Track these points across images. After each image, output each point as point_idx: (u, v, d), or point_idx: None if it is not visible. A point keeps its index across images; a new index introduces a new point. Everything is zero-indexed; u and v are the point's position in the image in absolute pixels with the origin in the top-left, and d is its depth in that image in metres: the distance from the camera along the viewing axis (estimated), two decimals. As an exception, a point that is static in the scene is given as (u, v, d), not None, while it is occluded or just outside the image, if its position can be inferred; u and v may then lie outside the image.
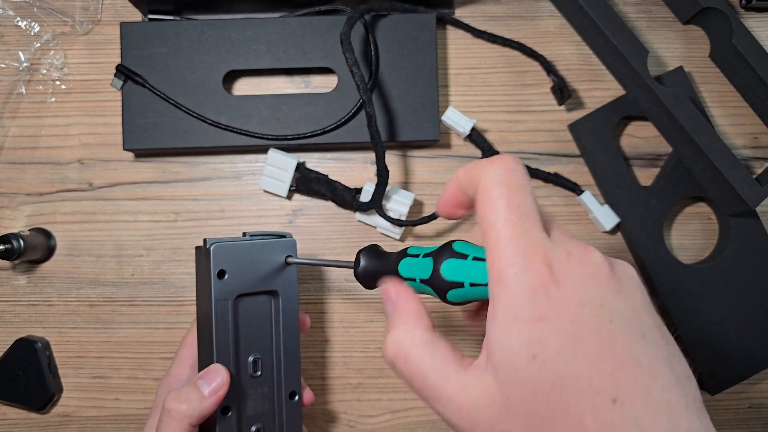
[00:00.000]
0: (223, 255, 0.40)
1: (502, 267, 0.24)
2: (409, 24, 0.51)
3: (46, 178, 0.53)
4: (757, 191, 0.48)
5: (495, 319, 0.24)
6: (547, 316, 0.23)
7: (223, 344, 0.40)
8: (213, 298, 0.39)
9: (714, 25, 0.53)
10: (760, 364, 0.52)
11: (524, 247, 0.24)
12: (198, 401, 0.38)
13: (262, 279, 0.42)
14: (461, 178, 0.28)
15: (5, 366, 0.51)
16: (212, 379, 0.38)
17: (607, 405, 0.22)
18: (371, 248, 0.36)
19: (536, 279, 0.23)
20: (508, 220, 0.25)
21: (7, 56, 0.54)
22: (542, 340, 0.23)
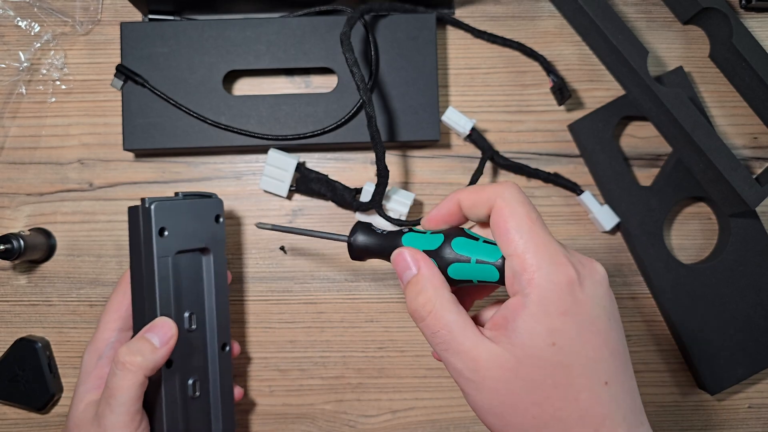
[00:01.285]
0: (163, 213, 0.41)
1: (534, 269, 0.30)
2: (409, 24, 0.51)
3: (46, 178, 0.53)
4: (757, 191, 0.48)
5: (525, 308, 0.29)
6: (569, 311, 0.29)
7: (165, 300, 0.42)
8: (155, 255, 0.41)
9: (714, 25, 0.53)
10: (759, 363, 0.52)
11: (551, 254, 0.30)
12: (151, 353, 0.39)
13: (196, 237, 0.44)
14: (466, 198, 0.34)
15: (5, 366, 0.51)
16: (161, 330, 0.40)
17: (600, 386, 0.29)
18: (367, 224, 0.38)
19: (566, 280, 0.30)
20: (532, 230, 0.31)
21: (8, 56, 0.54)
22: (562, 330, 0.29)
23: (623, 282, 0.54)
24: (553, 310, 0.29)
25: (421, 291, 0.32)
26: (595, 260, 0.32)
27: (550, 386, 0.29)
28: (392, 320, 0.53)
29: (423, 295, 0.32)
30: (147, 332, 0.40)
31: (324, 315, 0.53)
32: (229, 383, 0.46)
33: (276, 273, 0.53)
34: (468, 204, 0.34)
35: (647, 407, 0.54)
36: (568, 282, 0.30)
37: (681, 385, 0.54)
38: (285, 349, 0.53)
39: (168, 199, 0.42)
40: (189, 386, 0.43)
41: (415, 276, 0.33)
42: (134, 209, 0.42)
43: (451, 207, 0.34)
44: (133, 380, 0.38)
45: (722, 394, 0.54)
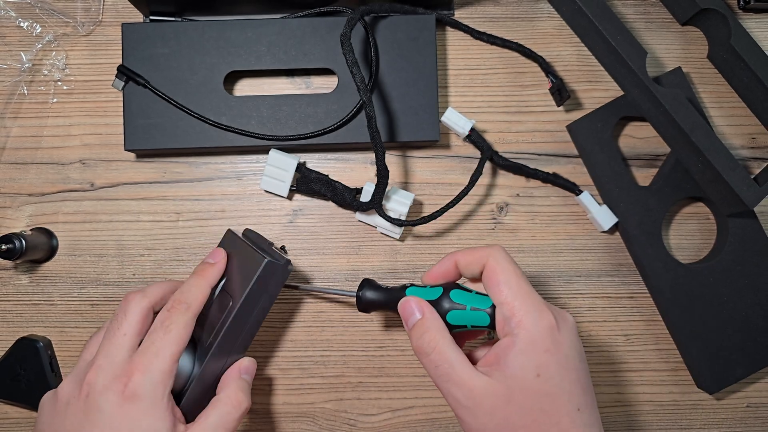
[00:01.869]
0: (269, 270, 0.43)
1: (522, 314, 0.37)
2: (409, 25, 0.51)
3: (47, 178, 0.54)
4: (755, 191, 0.48)
5: (515, 346, 0.37)
6: (550, 349, 0.37)
7: None
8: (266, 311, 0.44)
9: (712, 26, 0.53)
10: (758, 363, 0.52)
11: (535, 303, 0.38)
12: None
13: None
14: (462, 258, 0.41)
15: (7, 365, 0.52)
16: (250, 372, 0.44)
17: (575, 411, 0.37)
18: (372, 281, 0.45)
19: (548, 324, 0.37)
20: (519, 284, 0.38)
21: (9, 57, 0.54)
22: (546, 365, 0.36)
23: (622, 282, 0.54)
24: (538, 347, 0.36)
25: (426, 331, 0.39)
26: (565, 310, 0.39)
27: (538, 411, 0.36)
28: (392, 319, 0.54)
29: (428, 335, 0.39)
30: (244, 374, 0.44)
31: (324, 314, 0.54)
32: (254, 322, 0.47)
33: (276, 273, 0.54)
34: (464, 263, 0.41)
35: (646, 406, 0.54)
36: (549, 326, 0.37)
37: (680, 384, 0.54)
38: (285, 348, 0.53)
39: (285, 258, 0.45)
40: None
41: (420, 320, 0.40)
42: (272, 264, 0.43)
43: (449, 266, 0.42)
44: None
45: (721, 394, 0.54)
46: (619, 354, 0.54)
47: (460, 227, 0.54)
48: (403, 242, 0.54)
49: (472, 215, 0.54)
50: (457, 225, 0.54)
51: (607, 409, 0.54)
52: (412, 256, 0.54)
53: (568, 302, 0.54)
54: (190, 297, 0.41)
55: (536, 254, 0.54)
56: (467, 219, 0.54)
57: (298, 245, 0.54)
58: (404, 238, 0.54)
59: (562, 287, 0.54)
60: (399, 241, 0.54)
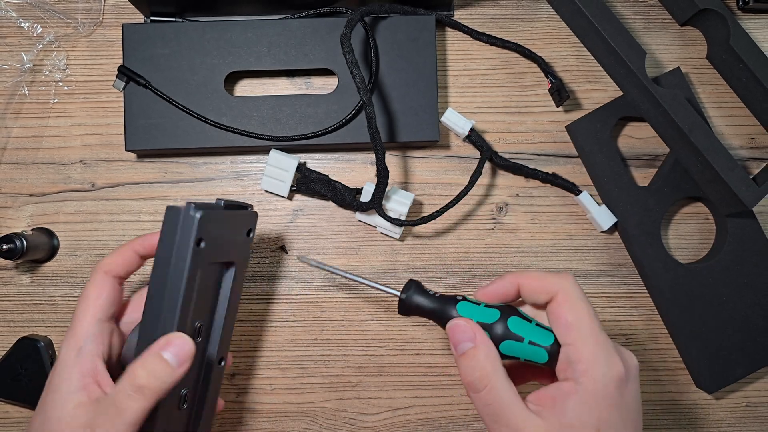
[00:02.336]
0: (205, 223, 0.37)
1: (590, 362, 0.34)
2: (409, 26, 0.52)
3: (48, 178, 0.54)
4: (754, 192, 0.49)
5: (577, 395, 0.34)
6: (616, 405, 0.34)
7: (185, 313, 0.38)
8: (188, 267, 0.37)
9: (711, 26, 0.53)
10: (757, 362, 0.52)
11: (606, 351, 0.34)
12: (169, 375, 0.36)
13: (226, 249, 0.41)
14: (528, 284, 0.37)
15: (8, 365, 0.52)
16: (180, 350, 0.37)
17: None
18: (419, 283, 0.40)
19: (617, 376, 0.34)
20: (591, 326, 0.35)
21: (10, 57, 0.54)
22: (608, 420, 0.33)
23: (621, 281, 0.54)
24: (603, 402, 0.34)
25: (479, 366, 0.36)
26: (630, 352, 0.36)
27: None
28: (392, 319, 0.54)
29: (481, 371, 0.35)
30: (163, 349, 0.36)
31: (325, 314, 0.54)
32: (215, 396, 0.44)
33: (277, 272, 0.54)
34: (529, 289, 0.37)
35: (645, 406, 0.54)
36: (618, 378, 0.34)
37: (679, 383, 0.54)
38: (286, 347, 0.54)
39: (211, 207, 0.39)
40: (181, 397, 0.40)
41: (472, 349, 0.36)
42: (174, 211, 0.38)
43: (510, 287, 0.38)
44: (147, 404, 0.36)
45: (720, 393, 0.54)
46: (619, 353, 0.54)
47: (460, 227, 0.54)
48: (403, 242, 0.54)
49: (472, 215, 0.54)
50: (457, 225, 0.54)
51: (606, 409, 0.54)
52: (412, 256, 0.54)
53: (567, 302, 0.54)
54: None
55: (536, 254, 0.54)
56: (467, 219, 0.54)
57: (298, 245, 0.54)
58: (404, 238, 0.54)
59: (561, 287, 0.54)
60: (399, 241, 0.54)
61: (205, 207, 0.38)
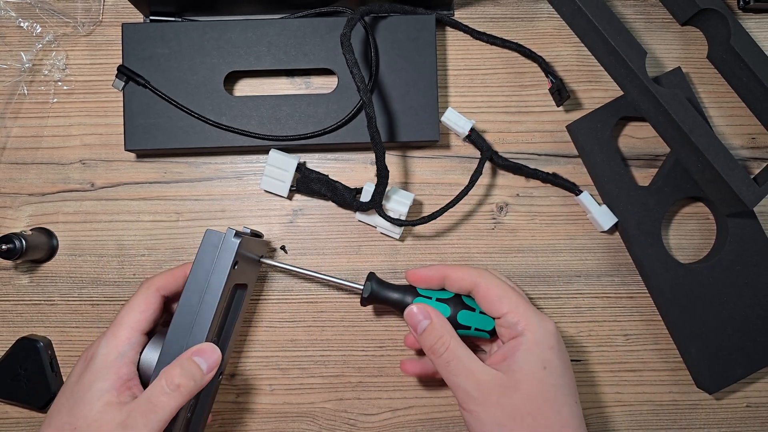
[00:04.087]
0: (241, 248, 0.43)
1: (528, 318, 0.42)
2: (409, 25, 0.51)
3: (48, 178, 0.54)
4: (755, 191, 0.48)
5: (523, 345, 0.41)
6: (555, 348, 0.42)
7: (214, 327, 0.43)
8: (224, 286, 0.42)
9: (712, 26, 0.53)
10: (757, 363, 0.52)
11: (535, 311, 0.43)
12: (200, 378, 0.40)
13: (247, 273, 0.46)
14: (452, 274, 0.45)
15: (7, 365, 0.52)
16: (210, 357, 0.41)
17: (574, 403, 0.42)
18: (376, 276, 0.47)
19: (552, 327, 0.43)
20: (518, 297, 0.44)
21: (9, 57, 0.54)
22: (551, 360, 0.41)
23: (621, 281, 0.54)
24: (544, 345, 0.42)
25: (437, 334, 0.43)
26: None
27: (542, 401, 0.40)
28: (392, 319, 0.54)
29: (439, 337, 0.43)
30: (196, 355, 0.40)
31: (324, 314, 0.54)
32: (209, 409, 0.46)
33: (277, 272, 0.54)
34: (453, 278, 0.44)
35: (646, 406, 0.54)
36: (553, 329, 0.43)
37: (679, 384, 0.54)
38: (286, 347, 0.54)
39: (245, 234, 0.44)
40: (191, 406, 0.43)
41: (429, 324, 0.43)
42: (215, 235, 0.42)
43: (436, 276, 0.45)
44: (181, 402, 0.39)
45: (720, 393, 0.54)
46: (619, 354, 0.54)
47: (460, 227, 0.54)
48: (403, 242, 0.54)
49: (472, 215, 0.54)
50: (457, 225, 0.54)
51: (607, 409, 0.54)
52: (412, 256, 0.54)
53: (567, 302, 0.54)
54: None
55: (536, 254, 0.54)
56: (467, 219, 0.54)
57: (298, 245, 0.54)
58: (404, 238, 0.54)
59: (562, 287, 0.54)
60: (399, 241, 0.54)
61: (243, 234, 0.43)
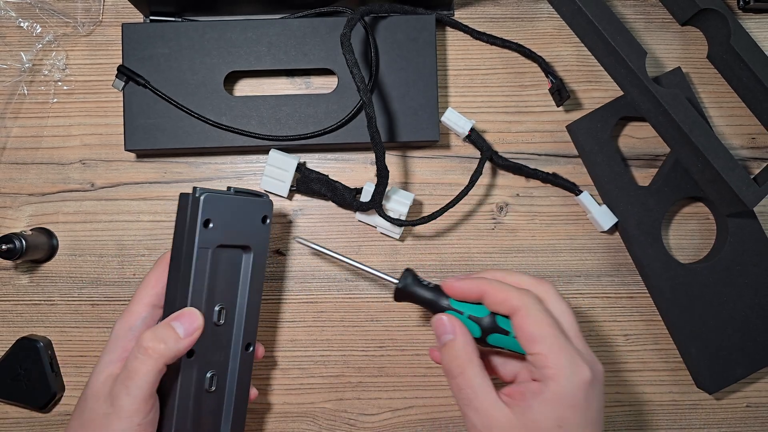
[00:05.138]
0: (211, 205, 0.41)
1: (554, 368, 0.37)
2: (409, 25, 0.51)
3: (48, 178, 0.54)
4: (755, 191, 0.48)
5: (542, 395, 0.37)
6: (578, 406, 0.37)
7: (198, 290, 0.41)
8: (196, 245, 0.41)
9: (712, 26, 0.53)
10: (757, 363, 0.52)
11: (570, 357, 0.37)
12: (174, 342, 0.39)
13: (240, 233, 0.44)
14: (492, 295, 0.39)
15: (7, 365, 0.52)
16: (188, 322, 0.40)
17: None
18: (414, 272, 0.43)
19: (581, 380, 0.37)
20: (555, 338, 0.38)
21: (9, 57, 0.54)
22: (569, 419, 0.36)
23: (621, 281, 0.54)
24: (566, 402, 0.36)
25: (456, 355, 0.39)
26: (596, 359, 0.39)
27: None
28: (392, 319, 0.54)
29: (457, 359, 0.39)
30: (174, 320, 0.40)
31: (324, 314, 0.54)
32: (246, 384, 0.46)
33: (277, 272, 0.54)
34: (492, 300, 0.40)
35: (645, 406, 0.54)
36: (582, 382, 0.37)
37: (679, 384, 0.54)
38: (285, 347, 0.54)
39: (218, 192, 0.42)
40: (207, 379, 0.43)
41: (451, 340, 0.40)
42: (184, 196, 0.41)
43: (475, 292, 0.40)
44: (153, 366, 0.38)
45: (720, 393, 0.54)
46: (619, 354, 0.54)
47: (460, 227, 0.54)
48: (403, 242, 0.54)
49: (472, 215, 0.54)
50: (457, 225, 0.54)
51: (606, 409, 0.54)
52: (412, 256, 0.54)
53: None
54: None
55: (536, 254, 0.54)
56: (467, 219, 0.54)
57: (298, 245, 0.54)
58: (404, 238, 0.54)
59: (562, 287, 0.54)
60: (399, 241, 0.54)
61: (212, 191, 0.41)
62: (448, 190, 0.54)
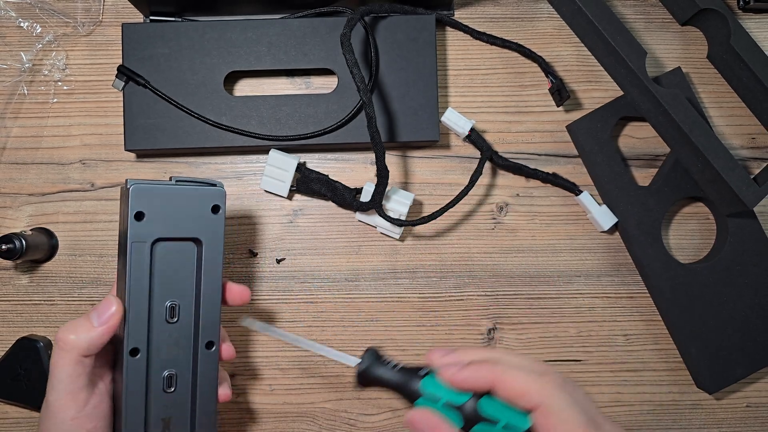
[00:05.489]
0: (143, 197, 0.39)
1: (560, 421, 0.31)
2: (409, 25, 0.51)
3: (48, 178, 0.54)
4: (755, 191, 0.48)
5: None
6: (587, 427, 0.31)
7: (139, 286, 0.40)
8: (129, 239, 0.39)
9: (712, 26, 0.53)
10: (757, 363, 0.52)
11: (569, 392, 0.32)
12: (86, 331, 0.38)
13: (185, 225, 0.41)
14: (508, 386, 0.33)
15: (7, 365, 0.52)
16: (103, 309, 0.39)
17: None
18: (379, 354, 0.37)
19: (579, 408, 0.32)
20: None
21: (9, 57, 0.54)
22: None
23: (621, 281, 0.54)
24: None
25: None
26: None
27: None
28: (392, 319, 0.54)
29: None
30: (92, 311, 0.39)
31: (324, 314, 0.54)
32: (211, 384, 0.44)
33: (276, 272, 0.54)
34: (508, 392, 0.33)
35: (645, 406, 0.54)
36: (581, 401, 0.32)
37: (679, 384, 0.54)
38: (285, 348, 0.54)
39: (152, 182, 0.40)
40: (164, 378, 0.41)
41: None
42: (122, 189, 0.40)
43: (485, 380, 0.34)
44: (69, 358, 0.38)
45: (720, 393, 0.54)
46: (619, 354, 0.54)
47: (460, 227, 0.54)
48: (403, 242, 0.54)
49: (472, 215, 0.54)
50: (457, 225, 0.54)
51: (607, 409, 0.54)
52: (412, 256, 0.54)
53: (568, 302, 0.54)
54: None
55: (536, 254, 0.54)
56: (467, 219, 0.54)
57: (298, 245, 0.54)
58: (404, 238, 0.54)
59: (562, 287, 0.54)
60: (399, 241, 0.54)
61: (147, 182, 0.39)
62: (448, 190, 0.54)
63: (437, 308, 0.54)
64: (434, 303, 0.54)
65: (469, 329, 0.54)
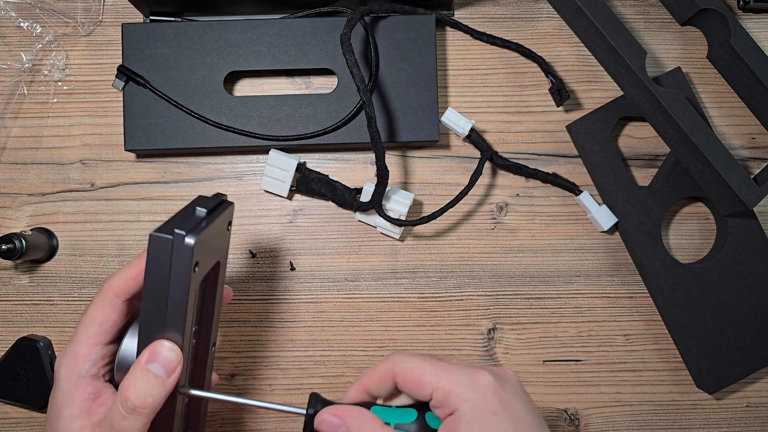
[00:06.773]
0: (199, 246, 0.35)
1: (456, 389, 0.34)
2: (409, 25, 0.51)
3: (48, 178, 0.54)
4: (755, 191, 0.48)
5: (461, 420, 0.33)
6: (499, 410, 0.33)
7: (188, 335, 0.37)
8: (188, 294, 0.35)
9: (712, 26, 0.53)
10: (757, 363, 0.52)
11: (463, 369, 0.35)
12: (160, 389, 0.35)
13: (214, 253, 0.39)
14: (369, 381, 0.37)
15: (7, 365, 0.52)
16: (166, 361, 0.35)
17: None
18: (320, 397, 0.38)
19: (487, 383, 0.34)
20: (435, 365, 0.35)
21: (9, 57, 0.54)
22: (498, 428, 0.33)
23: (621, 281, 0.54)
24: (485, 413, 0.33)
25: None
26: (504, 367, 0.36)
27: None
28: (392, 319, 0.54)
29: None
30: (150, 362, 0.35)
31: (324, 314, 0.54)
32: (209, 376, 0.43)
33: (277, 272, 0.54)
34: (373, 384, 0.37)
35: (645, 406, 0.54)
36: (489, 385, 0.34)
37: (679, 384, 0.54)
38: (285, 348, 0.54)
39: (199, 227, 0.35)
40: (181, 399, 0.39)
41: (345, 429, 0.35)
42: (162, 241, 0.34)
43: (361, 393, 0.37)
44: (145, 421, 0.35)
45: (720, 393, 0.54)
46: (619, 354, 0.54)
47: (460, 227, 0.54)
48: (403, 242, 0.54)
49: (472, 215, 0.54)
50: (457, 225, 0.54)
51: (607, 409, 0.54)
52: (412, 256, 0.54)
53: (567, 302, 0.54)
54: None
55: (536, 254, 0.54)
56: (467, 219, 0.54)
57: (298, 245, 0.54)
58: (404, 238, 0.54)
59: (561, 287, 0.54)
60: (399, 241, 0.54)
61: (192, 227, 0.35)
62: (448, 190, 0.54)
63: (437, 308, 0.54)
64: (434, 303, 0.54)
65: (469, 329, 0.54)
